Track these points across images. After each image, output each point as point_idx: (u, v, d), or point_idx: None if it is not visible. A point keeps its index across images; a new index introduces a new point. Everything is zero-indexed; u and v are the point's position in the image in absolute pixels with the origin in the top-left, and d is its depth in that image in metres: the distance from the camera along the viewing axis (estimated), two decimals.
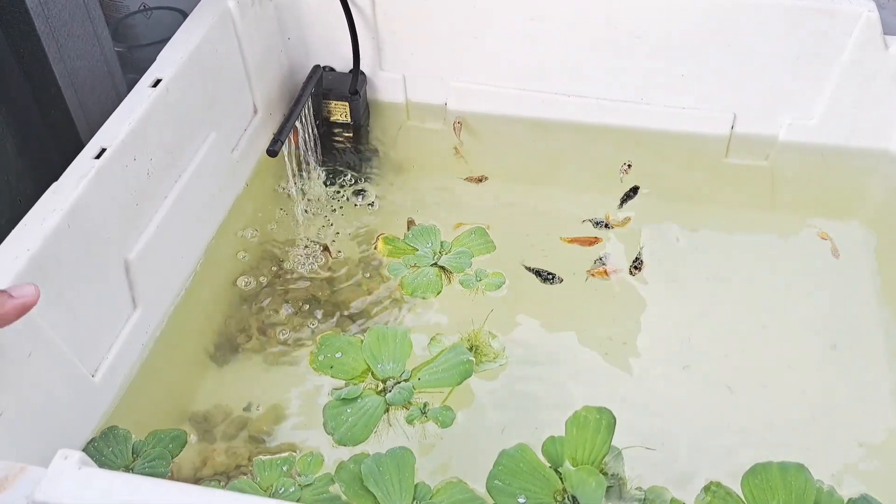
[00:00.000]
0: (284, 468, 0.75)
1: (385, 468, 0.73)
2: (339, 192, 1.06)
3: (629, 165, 1.07)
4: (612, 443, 0.76)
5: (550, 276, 0.95)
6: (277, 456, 0.77)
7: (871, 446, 0.79)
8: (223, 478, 0.77)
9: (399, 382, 0.82)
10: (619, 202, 1.03)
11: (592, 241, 0.98)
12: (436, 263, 0.95)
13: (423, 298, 0.92)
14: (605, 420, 0.76)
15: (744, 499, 0.73)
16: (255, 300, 0.93)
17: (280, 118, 1.06)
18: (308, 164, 1.06)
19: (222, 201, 0.99)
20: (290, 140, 0.98)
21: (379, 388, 0.82)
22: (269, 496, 0.73)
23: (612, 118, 1.11)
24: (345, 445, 0.77)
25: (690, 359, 0.87)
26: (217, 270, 0.95)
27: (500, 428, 0.80)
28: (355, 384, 0.82)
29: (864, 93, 1.02)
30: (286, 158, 1.01)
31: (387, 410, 0.80)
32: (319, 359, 0.84)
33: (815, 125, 1.06)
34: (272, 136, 0.94)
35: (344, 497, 0.73)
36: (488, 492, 0.73)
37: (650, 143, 1.11)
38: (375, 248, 0.97)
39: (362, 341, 0.85)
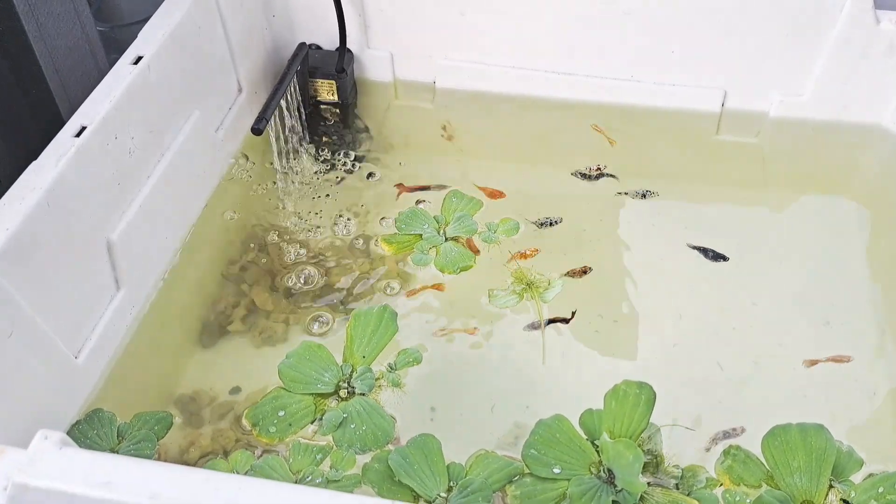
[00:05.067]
0: (319, 457, 0.75)
1: (412, 458, 0.72)
2: (326, 171, 1.05)
3: (599, 168, 1.06)
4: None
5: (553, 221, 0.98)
6: (316, 443, 0.76)
7: (864, 425, 0.79)
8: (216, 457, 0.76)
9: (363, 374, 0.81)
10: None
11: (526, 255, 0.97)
12: (447, 237, 0.95)
13: (467, 269, 0.93)
14: (645, 395, 0.75)
15: (764, 461, 0.73)
16: (243, 281, 0.92)
17: (265, 97, 1.04)
18: (295, 143, 1.05)
19: (207, 180, 0.98)
20: (275, 119, 0.97)
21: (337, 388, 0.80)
22: (297, 480, 0.73)
23: (602, 95, 1.10)
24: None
25: (680, 336, 0.86)
26: (203, 251, 0.94)
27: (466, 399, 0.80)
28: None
29: (855, 68, 1.01)
30: (272, 137, 0.99)
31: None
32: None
33: (806, 101, 1.05)
34: (257, 115, 0.92)
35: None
36: (523, 460, 0.73)
37: (641, 121, 1.10)
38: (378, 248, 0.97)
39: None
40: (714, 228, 0.98)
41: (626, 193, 1.02)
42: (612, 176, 1.04)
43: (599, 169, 1.05)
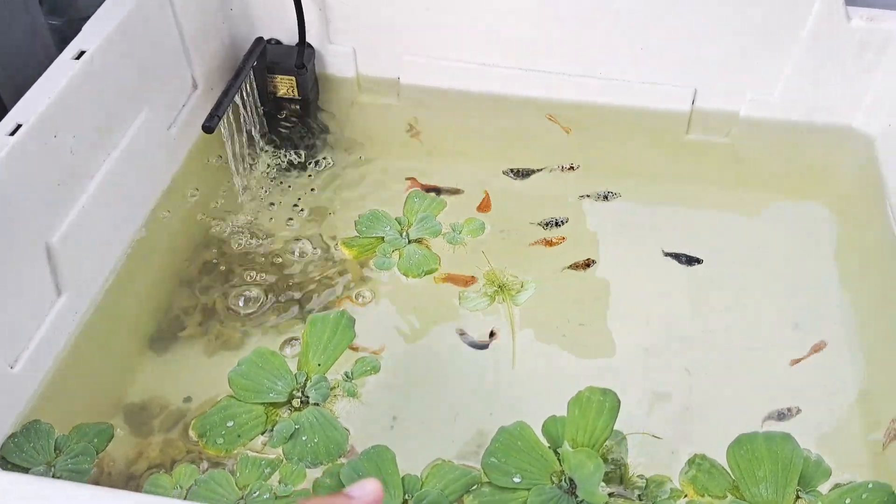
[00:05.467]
0: (267, 471, 0.71)
1: (365, 471, 0.70)
2: (286, 170, 1.01)
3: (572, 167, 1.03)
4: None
5: (528, 172, 0.98)
6: (264, 456, 0.72)
7: (831, 429, 0.77)
8: (160, 471, 0.73)
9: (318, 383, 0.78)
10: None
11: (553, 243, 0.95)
12: (410, 239, 0.92)
13: (431, 273, 0.90)
14: (609, 402, 0.73)
15: (729, 470, 0.71)
16: (196, 284, 0.89)
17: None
18: (253, 141, 1.02)
19: (158, 180, 0.94)
20: (228, 116, 0.94)
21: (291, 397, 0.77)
22: (243, 496, 0.70)
23: (571, 93, 1.07)
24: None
25: (649, 341, 0.84)
26: (155, 253, 0.91)
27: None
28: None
29: (826, 67, 1.00)
30: (225, 136, 0.96)
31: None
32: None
33: (777, 101, 1.04)
34: (209, 112, 0.88)
35: None
36: (482, 469, 0.70)
37: (610, 120, 1.07)
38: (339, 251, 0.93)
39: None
40: (683, 231, 0.95)
41: (588, 196, 0.99)
42: (572, 169, 1.02)
43: (572, 167, 1.02)
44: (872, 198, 0.97)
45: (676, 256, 0.92)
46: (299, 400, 0.76)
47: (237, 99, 0.93)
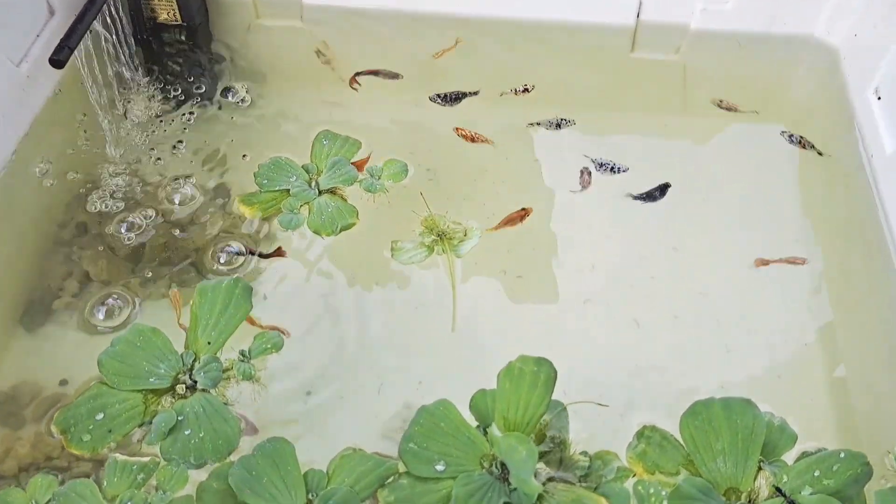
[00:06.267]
0: (141, 477, 0.61)
1: (260, 470, 0.60)
2: (173, 108, 0.89)
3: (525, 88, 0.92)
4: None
5: (459, 96, 0.88)
6: (137, 460, 0.62)
7: (792, 377, 0.70)
8: (32, 472, 0.63)
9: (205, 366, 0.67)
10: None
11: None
12: (320, 190, 0.81)
13: (350, 229, 0.79)
14: (544, 373, 0.64)
15: (683, 442, 0.63)
16: (74, 247, 0.77)
17: None
18: (126, 77, 0.88)
19: (13, 126, 0.81)
20: (88, 48, 0.79)
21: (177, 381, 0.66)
22: None
23: (499, 9, 0.94)
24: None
25: (593, 290, 0.76)
26: (17, 212, 0.79)
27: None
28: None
29: None
30: (85, 74, 0.81)
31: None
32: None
33: (732, 10, 0.93)
34: (58, 43, 0.74)
35: None
36: (400, 457, 0.62)
37: (546, 39, 0.96)
38: (239, 212, 0.81)
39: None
40: (629, 163, 0.86)
41: (538, 124, 0.90)
42: (526, 91, 0.92)
43: (527, 89, 0.92)
44: (837, 117, 0.89)
45: (648, 196, 0.83)
46: (185, 385, 0.65)
47: (99, 26, 0.78)
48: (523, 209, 0.81)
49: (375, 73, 0.89)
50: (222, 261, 0.76)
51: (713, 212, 0.82)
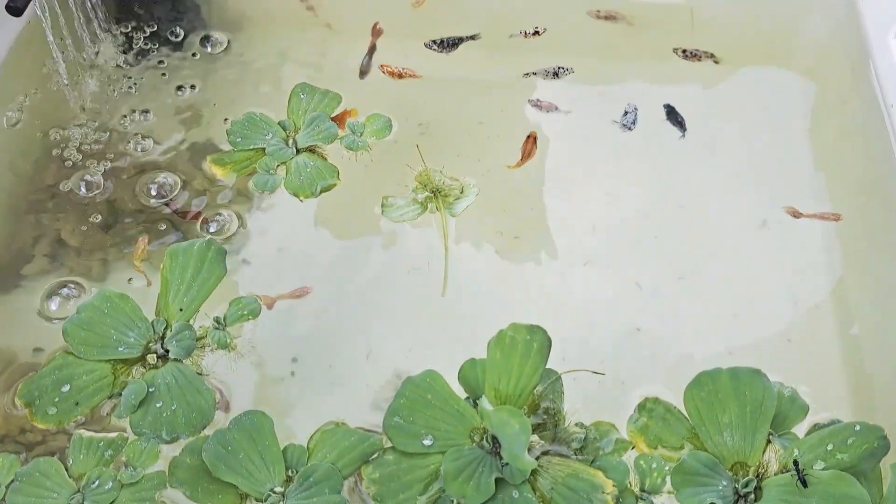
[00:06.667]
0: (108, 453, 0.58)
1: (236, 445, 0.57)
2: (141, 59, 0.84)
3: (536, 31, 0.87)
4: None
5: (456, 42, 0.85)
6: (104, 435, 0.59)
7: (803, 341, 0.67)
8: (9, 443, 0.60)
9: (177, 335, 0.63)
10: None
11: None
12: (298, 148, 0.76)
13: (330, 190, 0.75)
14: (538, 342, 0.60)
15: (687, 415, 0.60)
16: (45, 210, 0.73)
17: None
18: (93, 24, 0.82)
19: None
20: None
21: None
22: (80, 489, 0.57)
23: None
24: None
25: (593, 252, 0.73)
26: None
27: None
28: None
29: None
30: (46, 21, 0.76)
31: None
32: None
33: None
34: None
35: None
36: (385, 432, 0.59)
37: None
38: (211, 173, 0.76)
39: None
40: (636, 110, 0.82)
41: (534, 74, 0.85)
42: (537, 34, 0.87)
43: (537, 32, 0.87)
44: (852, 60, 0.85)
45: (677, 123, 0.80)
46: (156, 355, 0.61)
47: None
48: (528, 135, 0.78)
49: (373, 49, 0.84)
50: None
51: (722, 165, 0.78)
